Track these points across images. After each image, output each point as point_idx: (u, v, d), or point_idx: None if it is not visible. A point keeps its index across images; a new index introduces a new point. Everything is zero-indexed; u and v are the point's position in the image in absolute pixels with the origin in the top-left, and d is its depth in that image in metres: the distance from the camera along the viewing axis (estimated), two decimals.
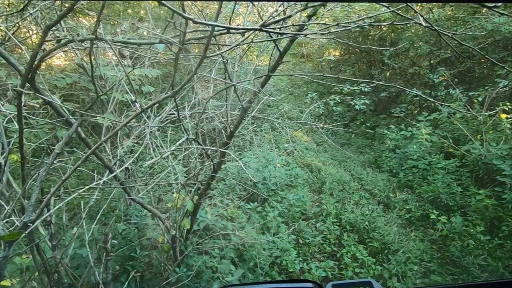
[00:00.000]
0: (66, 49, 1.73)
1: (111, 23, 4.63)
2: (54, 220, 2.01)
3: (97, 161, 2.08)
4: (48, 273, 1.92)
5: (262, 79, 2.27)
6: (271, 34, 1.52)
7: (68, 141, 2.12)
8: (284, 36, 1.80)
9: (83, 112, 1.71)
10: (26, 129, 2.30)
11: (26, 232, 1.41)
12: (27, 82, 1.29)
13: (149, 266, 2.56)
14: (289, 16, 1.58)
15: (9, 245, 1.35)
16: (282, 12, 1.82)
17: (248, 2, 2.81)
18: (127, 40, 1.24)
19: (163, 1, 1.02)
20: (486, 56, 1.47)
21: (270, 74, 2.02)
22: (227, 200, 3.52)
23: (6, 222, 1.42)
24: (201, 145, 2.19)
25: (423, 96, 2.01)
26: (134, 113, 1.52)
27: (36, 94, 1.28)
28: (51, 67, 4.64)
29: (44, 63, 4.55)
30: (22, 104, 1.40)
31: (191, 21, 1.12)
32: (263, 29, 1.33)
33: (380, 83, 1.93)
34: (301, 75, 2.34)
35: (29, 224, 1.39)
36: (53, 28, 1.82)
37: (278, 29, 1.53)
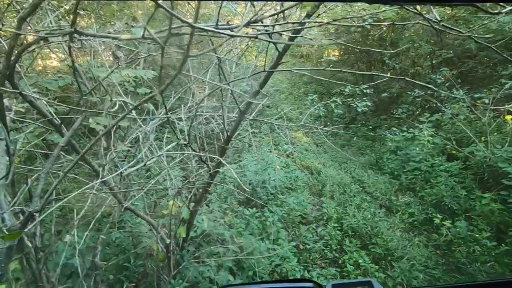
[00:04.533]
0: (43, 43, 1.64)
1: (110, 23, 4.53)
2: (43, 230, 1.92)
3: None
4: (37, 282, 1.83)
5: (262, 79, 2.17)
6: (270, 35, 1.43)
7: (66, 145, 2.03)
8: (282, 41, 1.71)
9: (79, 109, 1.62)
10: (19, 133, 2.21)
11: (25, 231, 1.37)
12: (7, 80, 1.21)
13: (143, 276, 2.46)
14: (288, 18, 1.48)
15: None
16: (281, 13, 1.73)
17: (248, 2, 2.71)
18: (107, 34, 1.15)
19: (159, 1, 0.94)
20: (503, 54, 1.36)
21: (265, 70, 1.92)
22: (225, 205, 3.43)
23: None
24: (194, 151, 2.09)
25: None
26: (122, 114, 1.42)
27: (14, 91, 1.20)
28: (46, 68, 4.55)
29: (39, 66, 4.46)
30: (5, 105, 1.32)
31: (182, 22, 1.03)
32: (261, 33, 1.24)
33: (386, 75, 1.74)
34: (298, 70, 2.24)
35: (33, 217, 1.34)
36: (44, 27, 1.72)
37: (274, 30, 1.44)
